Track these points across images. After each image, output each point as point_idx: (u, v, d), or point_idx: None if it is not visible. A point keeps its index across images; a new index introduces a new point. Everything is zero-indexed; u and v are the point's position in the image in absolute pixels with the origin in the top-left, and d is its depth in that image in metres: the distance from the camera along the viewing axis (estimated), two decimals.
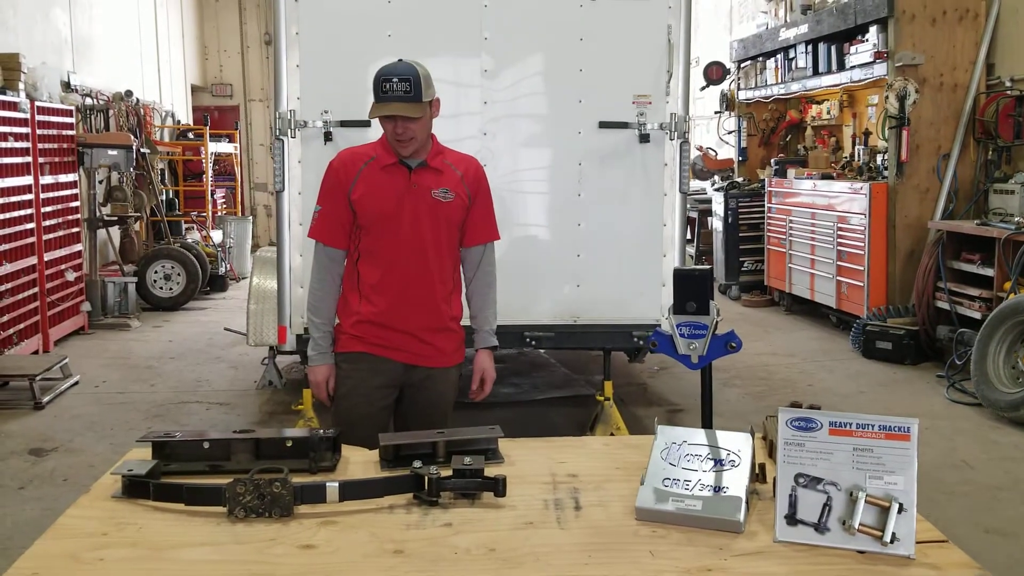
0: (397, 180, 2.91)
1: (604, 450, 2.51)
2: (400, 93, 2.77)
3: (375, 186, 2.91)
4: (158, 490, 2.11)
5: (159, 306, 9.53)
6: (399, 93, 2.77)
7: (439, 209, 2.93)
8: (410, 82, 2.78)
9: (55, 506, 4.19)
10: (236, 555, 1.86)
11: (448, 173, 2.97)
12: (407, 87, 2.78)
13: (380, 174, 2.92)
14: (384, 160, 2.93)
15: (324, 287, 2.98)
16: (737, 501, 1.98)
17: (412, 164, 2.92)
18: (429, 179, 2.93)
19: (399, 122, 2.80)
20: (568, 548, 1.89)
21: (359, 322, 2.93)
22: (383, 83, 2.79)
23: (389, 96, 2.78)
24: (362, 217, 2.91)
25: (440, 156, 2.99)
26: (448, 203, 2.93)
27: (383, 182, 2.91)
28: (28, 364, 6.38)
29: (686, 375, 6.62)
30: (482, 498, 2.14)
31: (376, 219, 2.90)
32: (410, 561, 1.83)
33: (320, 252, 3.00)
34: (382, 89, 2.79)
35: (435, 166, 2.95)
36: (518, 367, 6.87)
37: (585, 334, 4.90)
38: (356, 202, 2.90)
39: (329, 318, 2.98)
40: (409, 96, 2.78)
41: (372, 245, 2.92)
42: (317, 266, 3.00)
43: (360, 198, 2.90)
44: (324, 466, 2.32)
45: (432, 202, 2.92)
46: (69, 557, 1.85)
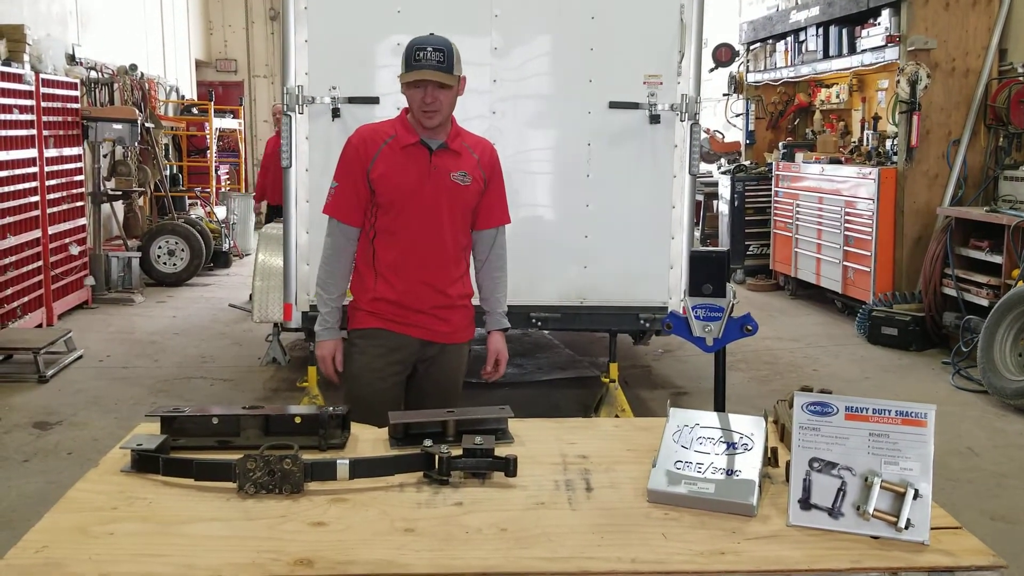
0: (418, 161, 2.88)
1: (614, 432, 2.50)
2: (434, 62, 2.75)
3: (396, 166, 2.88)
4: (168, 465, 2.10)
5: (163, 281, 9.51)
6: (432, 62, 2.75)
7: (457, 192, 2.92)
8: (443, 52, 2.78)
9: (60, 479, 4.20)
10: (246, 531, 1.85)
11: (466, 156, 2.95)
12: (441, 56, 2.77)
13: (400, 154, 2.89)
14: (404, 140, 2.89)
15: (336, 264, 2.96)
16: (750, 485, 1.97)
17: (432, 145, 2.89)
18: (449, 161, 2.91)
19: (429, 90, 2.77)
20: (580, 529, 1.88)
21: (375, 299, 2.92)
22: (416, 51, 2.77)
23: (423, 64, 2.75)
24: (381, 196, 2.89)
25: (459, 138, 2.96)
26: (466, 187, 2.93)
27: (403, 162, 2.88)
28: (32, 337, 6.38)
29: (690, 358, 6.62)
30: (492, 478, 2.13)
31: (396, 199, 2.88)
32: (421, 539, 1.82)
33: (335, 229, 2.96)
34: (415, 57, 2.76)
35: (454, 148, 2.93)
36: (522, 348, 6.87)
37: (591, 316, 4.88)
38: (376, 181, 2.88)
39: (339, 295, 2.96)
40: (443, 66, 2.76)
41: (390, 224, 2.90)
42: (331, 243, 2.96)
43: (380, 177, 2.87)
44: (334, 443, 2.31)
45: (451, 185, 2.91)
46: (79, 531, 1.84)
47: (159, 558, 1.74)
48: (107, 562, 1.71)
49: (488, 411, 2.46)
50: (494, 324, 3.16)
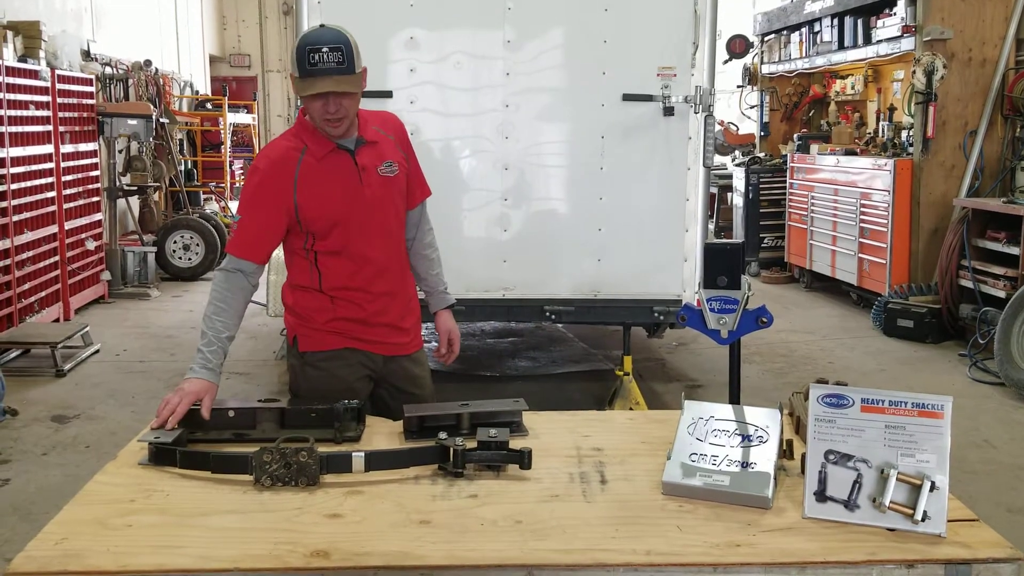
0: (343, 170, 2.54)
1: (628, 424, 2.50)
2: (332, 65, 2.38)
3: (322, 185, 2.52)
4: (185, 458, 2.11)
5: (178, 276, 9.57)
6: (331, 65, 2.38)
7: (389, 187, 2.62)
8: (342, 51, 2.39)
9: (78, 472, 4.23)
10: (264, 523, 1.87)
11: (383, 142, 2.63)
12: (339, 57, 2.38)
13: (321, 168, 2.52)
14: (319, 150, 2.53)
15: (232, 303, 2.51)
16: (765, 477, 1.97)
17: (351, 145, 2.55)
18: (372, 157, 2.58)
19: (332, 99, 2.41)
20: (595, 521, 1.88)
21: (335, 319, 2.62)
22: (311, 54, 2.38)
23: (320, 69, 2.38)
24: (315, 223, 2.53)
25: (368, 124, 2.61)
26: (395, 178, 2.63)
27: (329, 178, 2.53)
28: (49, 332, 6.43)
29: (704, 351, 6.60)
30: (507, 470, 2.13)
31: (336, 220, 2.54)
32: (437, 531, 1.83)
33: (234, 266, 2.52)
34: (310, 61, 2.38)
35: (371, 139, 2.59)
36: (536, 341, 6.87)
37: (605, 309, 4.88)
38: (304, 207, 2.51)
39: (228, 335, 2.50)
40: (343, 68, 2.39)
41: (332, 245, 2.57)
42: (226, 281, 2.51)
43: (308, 202, 2.51)
44: (349, 436, 2.32)
45: (381, 181, 2.59)
46: (97, 523, 1.85)
47: (177, 550, 1.75)
48: (126, 554, 1.73)
49: (502, 404, 2.47)
50: (439, 303, 2.87)
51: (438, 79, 4.72)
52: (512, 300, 4.87)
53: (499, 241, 4.86)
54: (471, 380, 5.69)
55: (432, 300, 2.90)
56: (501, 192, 4.82)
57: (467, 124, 4.80)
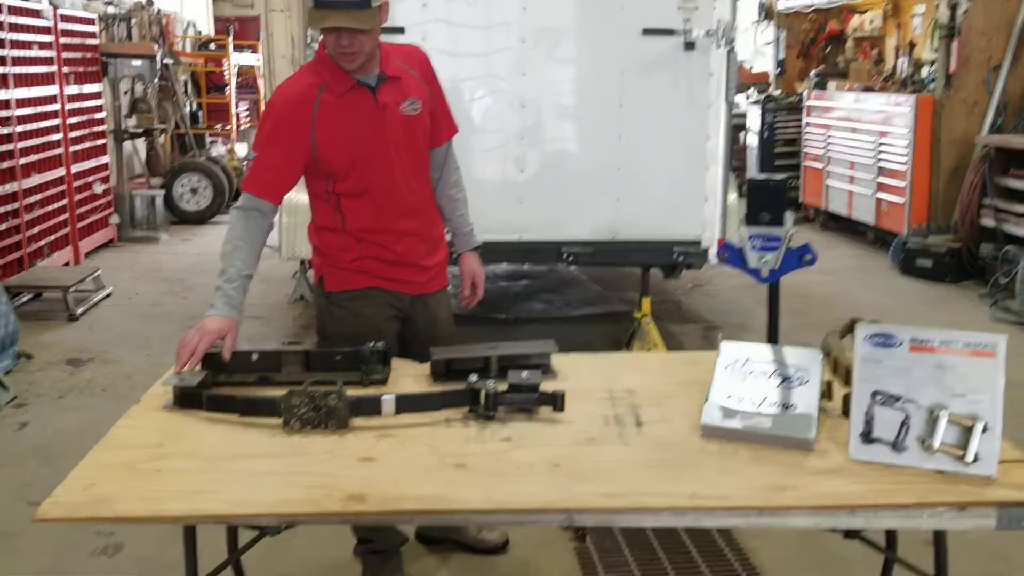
0: (364, 107, 2.43)
1: (661, 366, 2.45)
2: None
3: (342, 123, 2.42)
4: (211, 401, 2.07)
5: (186, 220, 9.48)
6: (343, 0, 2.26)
7: (412, 126, 2.51)
8: None
9: (95, 416, 4.21)
10: (296, 467, 1.83)
11: (407, 78, 2.51)
12: None
13: (341, 105, 2.41)
14: (338, 87, 2.42)
15: (246, 242, 2.42)
16: (808, 419, 1.92)
17: (372, 82, 2.43)
18: (394, 94, 2.46)
19: (344, 34, 2.30)
20: (634, 464, 1.83)
21: (361, 258, 2.54)
22: None
23: (333, 2, 2.26)
24: (334, 163, 2.44)
25: (390, 58, 2.48)
26: (418, 116, 2.52)
27: (349, 116, 2.42)
28: (61, 276, 6.38)
29: (720, 292, 6.54)
30: (539, 413, 2.08)
31: (355, 160, 2.45)
32: (474, 475, 1.79)
33: (248, 205, 2.43)
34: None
35: (393, 74, 2.46)
36: (549, 284, 6.80)
37: (624, 250, 4.80)
38: (323, 147, 2.42)
39: (248, 273, 2.43)
40: (357, 1, 2.27)
41: (354, 187, 2.48)
42: (242, 221, 2.43)
43: (328, 142, 2.42)
44: (376, 379, 2.27)
45: (404, 120, 2.48)
46: (126, 468, 1.81)
47: (209, 494, 1.71)
48: (156, 499, 1.69)
49: (531, 346, 2.41)
50: (464, 244, 2.79)
51: (451, 15, 4.58)
52: (529, 242, 4.79)
53: (515, 182, 4.76)
54: (485, 323, 5.63)
55: (457, 241, 2.82)
56: (517, 131, 4.71)
57: (482, 61, 4.66)
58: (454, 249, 2.82)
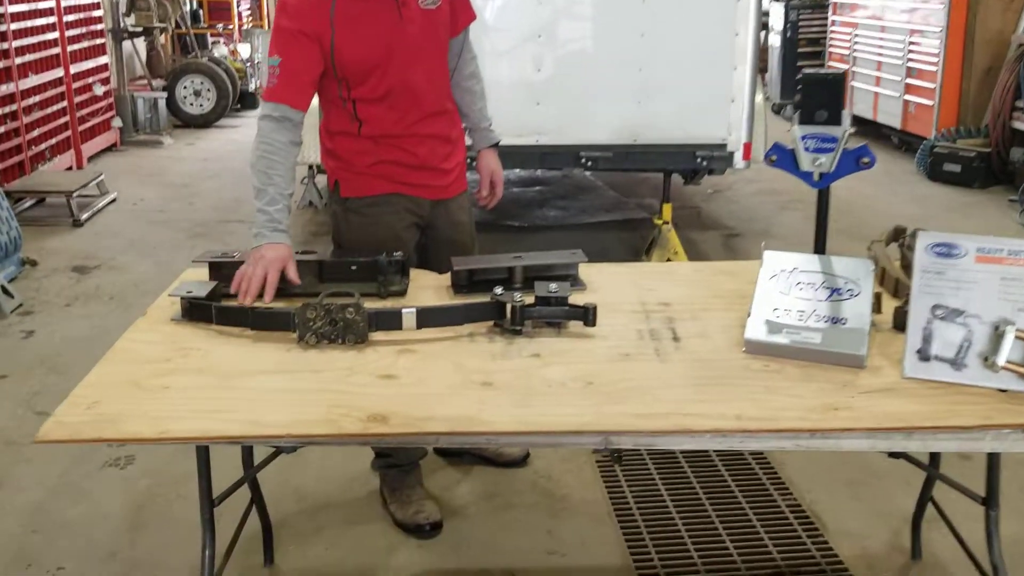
0: (382, 7, 2.26)
1: (695, 277, 2.31)
2: None
3: (361, 23, 2.24)
4: (221, 314, 1.95)
5: (190, 123, 9.26)
6: None
7: (433, 21, 2.35)
8: None
9: (103, 324, 4.13)
10: (313, 383, 1.71)
11: None
12: None
13: (357, 6, 2.24)
14: None
15: (282, 157, 2.23)
16: (859, 334, 1.79)
17: None
18: None
19: None
20: (673, 382, 1.71)
21: (380, 163, 2.38)
22: None
23: None
24: (351, 67, 2.26)
25: None
26: (437, 10, 2.35)
27: (368, 15, 2.25)
28: (64, 180, 6.22)
29: (741, 199, 6.36)
30: (568, 328, 1.96)
31: (374, 64, 2.27)
32: (502, 394, 1.67)
33: (278, 114, 2.23)
34: None
35: None
36: (563, 190, 6.62)
37: (645, 155, 4.61)
38: (343, 50, 2.23)
39: (289, 190, 2.25)
40: None
41: (372, 91, 2.30)
42: (276, 132, 2.22)
43: (348, 44, 2.24)
44: (394, 290, 2.14)
45: (423, 16, 2.31)
46: (131, 384, 1.70)
47: (222, 414, 1.60)
48: (165, 418, 1.58)
49: (558, 256, 2.28)
50: (482, 141, 2.61)
51: None
52: (545, 146, 4.60)
53: (532, 82, 4.54)
54: (498, 231, 5.49)
55: (475, 137, 2.64)
56: (534, 29, 4.47)
57: None
58: (471, 147, 2.65)
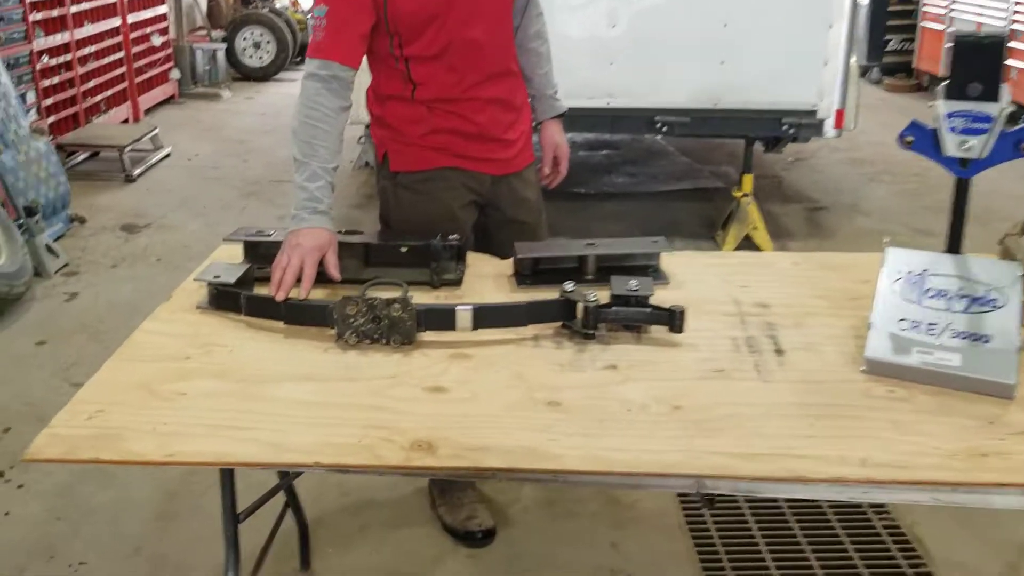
0: None
1: (795, 271, 2.00)
2: None
3: None
4: (252, 304, 1.70)
5: (249, 76, 9.07)
6: None
7: None
8: None
9: (148, 287, 3.96)
10: (348, 395, 1.46)
11: None
12: None
13: None
14: None
15: (329, 124, 1.93)
16: (1007, 357, 1.47)
17: None
18: None
19: None
20: (779, 410, 1.42)
21: (435, 132, 2.09)
22: None
23: None
24: (410, 17, 1.98)
25: None
26: None
27: None
28: (117, 134, 6.07)
29: (825, 168, 5.93)
30: (650, 332, 1.68)
31: (434, 15, 2.00)
32: (571, 418, 1.40)
33: (325, 72, 1.93)
34: None
35: None
36: (633, 154, 6.27)
37: (726, 120, 4.26)
38: (397, 4, 1.95)
39: (333, 163, 1.96)
40: None
41: (427, 48, 2.02)
42: (323, 94, 1.92)
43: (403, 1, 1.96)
44: (448, 279, 1.88)
45: None
46: (143, 388, 1.47)
47: (241, 432, 1.36)
48: (175, 435, 1.35)
49: (637, 244, 1.98)
50: (546, 110, 2.32)
51: None
52: (618, 109, 4.27)
53: (605, 39, 4.20)
54: (562, 198, 5.14)
55: (538, 106, 2.32)
56: None
57: None
58: (534, 116, 2.35)
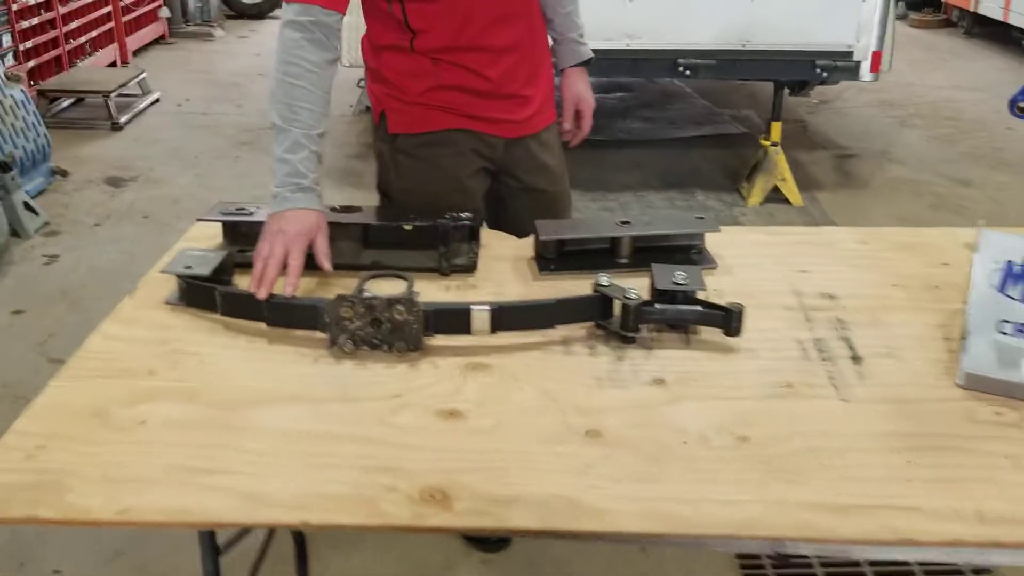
0: None
1: (861, 252, 1.73)
2: None
3: None
4: (229, 302, 1.44)
5: (243, 14, 8.68)
6: None
7: None
8: None
9: (134, 249, 3.71)
10: (342, 423, 1.20)
11: None
12: None
13: None
14: None
15: (312, 82, 1.59)
16: None
17: None
18: None
19: None
20: (868, 441, 1.16)
21: (439, 88, 1.79)
22: None
23: None
24: None
25: None
26: None
27: None
28: (103, 78, 5.73)
29: (852, 110, 5.60)
30: (699, 333, 1.42)
31: None
32: (617, 455, 1.14)
33: (306, 18, 1.60)
34: None
35: None
36: (648, 97, 5.93)
37: (754, 62, 3.94)
38: None
39: (319, 129, 1.61)
40: None
41: None
42: (304, 45, 1.59)
43: None
44: (459, 264, 1.61)
45: None
46: (94, 416, 1.22)
47: (210, 477, 1.10)
48: (130, 482, 1.09)
49: (678, 221, 1.73)
50: (569, 56, 2.00)
51: None
52: (637, 51, 3.95)
53: None
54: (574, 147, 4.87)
55: (560, 51, 2.01)
56: None
57: None
58: (554, 63, 2.05)
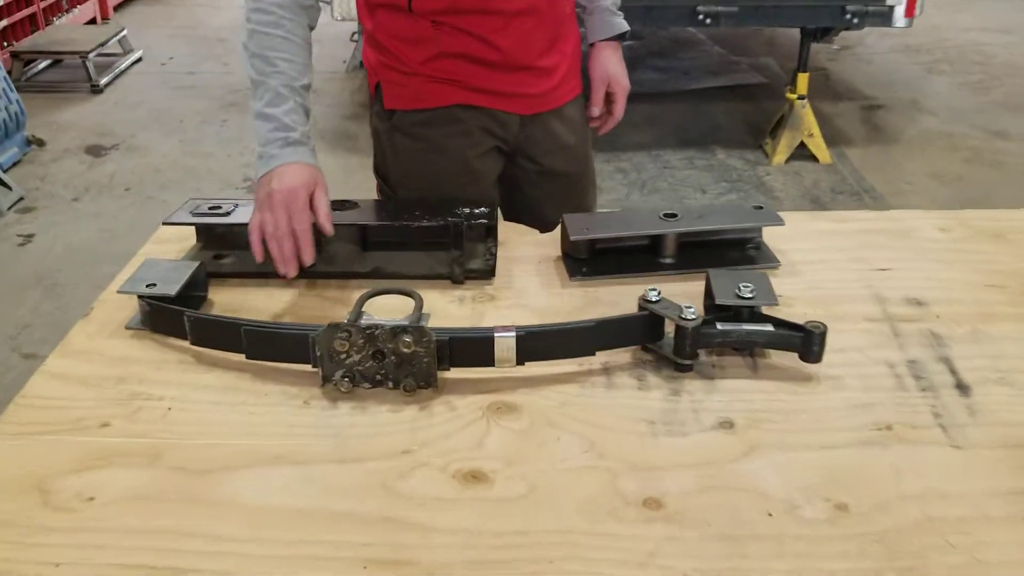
0: None
1: (944, 241, 1.48)
2: None
3: None
4: (198, 329, 1.20)
5: None
6: None
7: None
8: None
9: (114, 227, 3.46)
10: (338, 494, 0.96)
11: None
12: None
13: None
14: None
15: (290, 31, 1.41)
16: None
17: None
18: None
19: None
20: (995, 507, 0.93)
21: (442, 56, 1.53)
22: None
23: None
24: None
25: None
26: None
27: None
28: (81, 37, 5.42)
29: (876, 57, 5.29)
30: (768, 355, 1.18)
31: None
32: (686, 534, 0.91)
33: None
34: None
35: None
36: (660, 45, 5.60)
37: (780, 8, 3.65)
38: None
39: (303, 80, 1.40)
40: None
41: None
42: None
43: None
44: (475, 270, 1.37)
45: None
46: (34, 491, 0.98)
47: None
48: None
49: (732, 214, 1.47)
50: (601, 29, 1.70)
51: None
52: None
53: None
54: None
55: (590, 22, 1.71)
56: None
57: None
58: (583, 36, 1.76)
